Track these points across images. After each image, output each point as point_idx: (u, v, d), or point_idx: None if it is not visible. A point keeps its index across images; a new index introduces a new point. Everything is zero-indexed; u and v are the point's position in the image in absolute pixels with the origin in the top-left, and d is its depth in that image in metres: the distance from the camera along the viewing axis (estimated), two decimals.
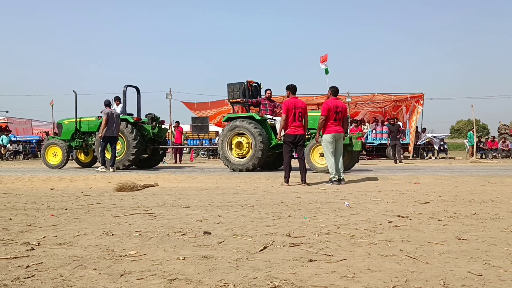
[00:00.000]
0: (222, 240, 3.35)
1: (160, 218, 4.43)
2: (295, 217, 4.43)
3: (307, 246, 3.14)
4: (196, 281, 2.34)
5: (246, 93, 11.18)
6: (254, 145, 10.41)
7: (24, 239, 3.42)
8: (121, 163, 11.49)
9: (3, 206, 5.42)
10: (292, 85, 8.21)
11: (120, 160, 11.51)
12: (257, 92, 11.79)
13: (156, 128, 12.35)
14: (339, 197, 6.02)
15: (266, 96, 11.23)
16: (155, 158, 13.10)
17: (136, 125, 11.87)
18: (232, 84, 11.32)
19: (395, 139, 16.07)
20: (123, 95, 12.16)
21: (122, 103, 12.27)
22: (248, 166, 10.50)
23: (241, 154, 10.69)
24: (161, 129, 12.63)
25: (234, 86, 11.25)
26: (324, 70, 19.34)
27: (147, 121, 12.46)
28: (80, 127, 12.30)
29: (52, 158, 12.41)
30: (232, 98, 11.34)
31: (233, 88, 11.27)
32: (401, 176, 9.11)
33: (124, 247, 3.15)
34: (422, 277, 2.40)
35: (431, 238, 3.38)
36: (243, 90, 11.12)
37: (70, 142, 12.34)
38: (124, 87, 12.14)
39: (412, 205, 5.27)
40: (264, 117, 10.79)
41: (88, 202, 5.72)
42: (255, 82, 11.73)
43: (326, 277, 2.40)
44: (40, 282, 2.33)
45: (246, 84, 11.23)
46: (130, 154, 11.51)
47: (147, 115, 12.61)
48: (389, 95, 21.18)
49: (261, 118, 10.70)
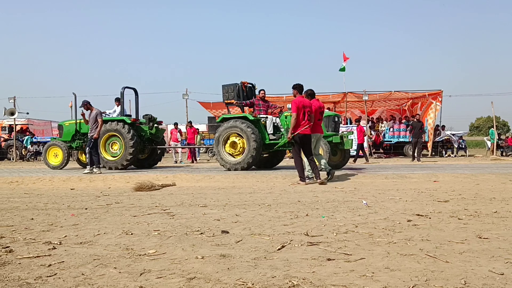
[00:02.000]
0: (240, 239, 3.36)
1: (178, 217, 4.47)
2: (312, 216, 4.41)
3: (325, 245, 3.13)
4: (214, 280, 2.35)
5: (241, 93, 11.40)
6: (247, 144, 10.62)
7: (46, 238, 3.49)
8: (119, 163, 11.70)
9: (25, 206, 5.53)
10: (299, 84, 8.25)
11: (118, 160, 11.73)
12: (252, 93, 11.98)
13: (153, 128, 12.59)
14: (357, 196, 5.98)
15: (260, 96, 11.46)
16: (154, 158, 13.36)
17: (134, 125, 12.05)
18: (227, 85, 11.59)
19: (418, 136, 15.87)
20: (121, 97, 12.34)
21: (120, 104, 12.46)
22: (242, 165, 10.70)
23: (236, 153, 10.93)
24: (158, 130, 12.90)
25: (228, 87, 11.53)
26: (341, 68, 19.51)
27: (144, 122, 12.66)
28: (80, 128, 12.54)
29: (53, 159, 12.74)
30: (226, 99, 11.61)
31: (227, 89, 11.53)
32: (420, 174, 9.00)
33: (143, 246, 3.19)
34: (443, 276, 2.37)
35: (451, 237, 3.34)
36: (237, 91, 11.35)
37: (70, 143, 12.64)
38: (122, 88, 12.33)
39: (432, 203, 5.21)
40: (257, 117, 10.99)
41: (107, 202, 5.79)
42: (250, 83, 11.95)
43: (345, 276, 2.39)
44: (62, 281, 2.38)
45: (240, 85, 11.45)
46: (128, 154, 11.74)
47: (145, 116, 12.88)
48: (407, 92, 20.96)
49: (255, 118, 10.91)
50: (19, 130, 23.73)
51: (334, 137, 10.33)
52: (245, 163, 10.65)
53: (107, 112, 12.94)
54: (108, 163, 11.81)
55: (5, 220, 4.43)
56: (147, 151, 12.88)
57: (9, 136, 23.70)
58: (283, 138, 10.68)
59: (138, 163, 12.88)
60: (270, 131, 10.89)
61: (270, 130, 10.89)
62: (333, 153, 10.43)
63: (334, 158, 10.73)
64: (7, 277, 2.45)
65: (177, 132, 19.85)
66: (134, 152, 11.79)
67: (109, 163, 11.83)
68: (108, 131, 11.81)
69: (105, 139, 11.89)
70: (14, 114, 20.32)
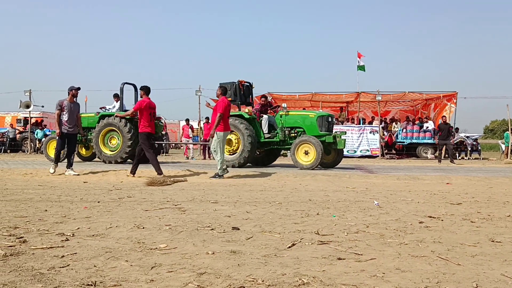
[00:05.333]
0: (250, 236, 3.37)
1: (189, 212, 4.49)
2: (323, 215, 4.41)
3: (335, 244, 3.13)
4: (225, 276, 2.36)
5: (237, 92, 11.48)
6: (242, 142, 10.77)
7: (59, 230, 3.53)
8: (118, 156, 11.83)
9: (39, 197, 5.61)
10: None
11: (117, 154, 11.85)
12: (249, 92, 12.08)
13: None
14: (368, 196, 5.95)
15: (262, 103, 11.82)
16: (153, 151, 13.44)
17: (132, 121, 12.13)
18: (224, 84, 11.62)
19: (445, 139, 15.71)
20: (120, 92, 12.43)
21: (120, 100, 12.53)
22: (238, 162, 10.82)
23: (232, 150, 11.06)
24: (157, 125, 12.96)
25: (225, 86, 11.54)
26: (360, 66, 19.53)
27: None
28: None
29: (52, 152, 12.84)
30: None
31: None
32: (432, 176, 8.92)
33: (154, 240, 3.22)
34: (454, 278, 2.35)
35: (463, 240, 3.31)
36: (234, 90, 11.44)
37: None
38: (122, 84, 12.39)
39: (444, 206, 5.16)
40: (253, 115, 11.12)
41: (120, 196, 5.85)
42: (247, 82, 12.04)
43: (355, 276, 2.39)
44: (74, 272, 2.41)
45: (237, 84, 11.53)
46: (126, 147, 11.86)
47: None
48: (421, 93, 20.75)
49: (250, 117, 11.04)
50: (34, 123, 24.02)
51: (327, 137, 10.45)
52: (240, 160, 10.80)
53: (106, 108, 13.05)
54: (106, 157, 11.95)
55: (20, 211, 4.50)
56: None
57: (24, 129, 24.00)
58: (278, 136, 10.91)
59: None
60: (265, 129, 11.07)
61: (265, 129, 11.07)
62: (326, 152, 10.50)
63: (327, 157, 10.84)
64: (20, 266, 2.49)
65: (188, 129, 19.92)
66: (132, 146, 11.93)
67: (107, 157, 11.96)
68: (106, 126, 11.95)
69: (103, 133, 12.03)
70: (30, 107, 20.57)
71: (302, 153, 10.40)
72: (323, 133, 10.53)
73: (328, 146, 10.54)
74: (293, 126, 10.90)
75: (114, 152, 11.94)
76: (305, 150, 10.34)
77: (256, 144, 10.91)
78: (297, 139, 10.50)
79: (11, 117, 27.56)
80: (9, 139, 23.11)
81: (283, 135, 10.84)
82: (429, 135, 18.92)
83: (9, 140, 23.10)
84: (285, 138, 10.87)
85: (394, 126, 21.06)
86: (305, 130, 10.70)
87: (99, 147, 11.96)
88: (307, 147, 10.30)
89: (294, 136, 10.84)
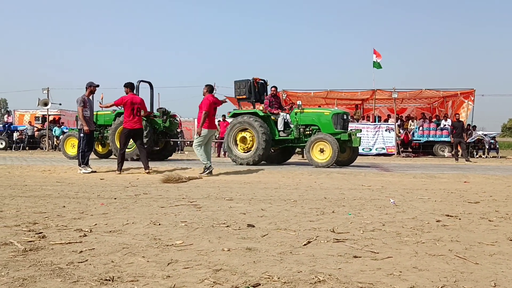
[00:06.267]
0: (265, 233, 3.37)
1: (204, 209, 4.51)
2: (339, 213, 4.39)
3: (351, 242, 3.11)
4: (240, 272, 2.37)
5: (252, 90, 11.48)
6: (257, 140, 10.74)
7: (77, 226, 3.59)
8: (134, 154, 11.96)
9: (57, 194, 5.70)
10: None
11: (133, 151, 11.99)
12: (264, 89, 12.03)
13: (167, 121, 12.78)
14: (384, 195, 5.91)
15: (271, 94, 11.57)
16: (168, 149, 13.56)
17: (148, 118, 12.24)
18: (239, 81, 11.73)
19: (459, 137, 15.52)
20: (136, 90, 12.53)
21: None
22: (252, 160, 10.81)
23: (246, 148, 11.06)
24: (172, 123, 13.09)
25: (240, 83, 11.67)
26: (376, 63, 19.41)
27: (158, 115, 12.84)
28: (97, 120, 12.75)
29: (70, 149, 13.11)
30: (238, 95, 11.77)
31: (239, 85, 11.68)
32: (450, 174, 8.81)
33: (170, 236, 3.24)
34: (472, 277, 2.32)
35: (481, 239, 3.26)
36: (248, 87, 11.46)
37: None
38: (138, 82, 12.49)
39: (462, 204, 5.10)
40: (267, 113, 11.08)
41: (136, 193, 5.90)
42: (262, 79, 12.01)
43: (372, 274, 2.37)
44: (93, 267, 2.44)
45: (252, 81, 11.52)
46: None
47: (159, 109, 13.11)
48: (438, 91, 20.51)
49: (265, 114, 11.01)
50: (52, 121, 24.38)
51: (342, 135, 10.37)
52: (254, 158, 10.79)
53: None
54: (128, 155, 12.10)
55: (39, 207, 4.57)
56: (160, 143, 13.14)
57: (42, 126, 24.38)
58: (293, 134, 10.85)
59: (152, 155, 13.13)
60: (280, 127, 11.01)
61: (281, 127, 11.01)
62: (341, 150, 10.42)
63: (342, 155, 10.75)
64: (40, 261, 2.53)
65: None
66: (148, 143, 12.04)
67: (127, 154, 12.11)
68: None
69: (120, 131, 12.16)
70: (48, 104, 20.86)
71: (317, 151, 10.35)
72: (338, 131, 10.47)
73: (343, 144, 10.48)
74: (308, 124, 10.85)
75: (130, 150, 12.06)
76: (320, 148, 10.29)
77: (271, 142, 10.89)
78: (312, 137, 10.46)
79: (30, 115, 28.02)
80: (28, 136, 23.53)
81: (298, 132, 10.81)
82: (446, 133, 18.69)
83: (28, 137, 23.51)
84: (299, 136, 10.84)
85: (410, 124, 20.85)
86: (320, 127, 10.65)
87: (116, 144, 12.09)
88: (322, 145, 10.25)
89: (309, 134, 10.80)
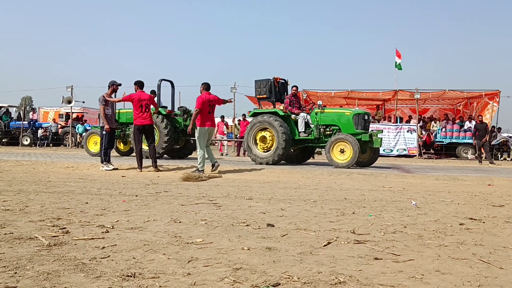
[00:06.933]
0: (285, 233, 3.37)
1: (224, 208, 4.53)
2: (359, 214, 4.35)
3: (372, 244, 3.08)
4: (260, 272, 2.37)
5: (273, 89, 11.43)
6: (276, 140, 10.69)
7: (99, 222, 3.64)
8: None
9: (80, 190, 5.80)
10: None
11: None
12: (284, 89, 11.96)
13: (187, 120, 12.83)
14: (406, 196, 5.83)
15: (292, 93, 11.48)
16: (188, 148, 13.63)
17: (169, 117, 12.32)
18: (259, 80, 11.68)
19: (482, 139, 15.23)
20: (158, 89, 12.63)
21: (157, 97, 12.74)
22: (272, 159, 10.77)
23: (266, 148, 11.03)
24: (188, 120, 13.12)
25: (261, 83, 11.62)
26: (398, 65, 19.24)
27: (179, 114, 12.90)
28: (119, 118, 12.89)
29: (93, 146, 13.33)
30: (258, 94, 11.72)
31: (260, 85, 11.63)
32: (473, 177, 8.64)
33: (191, 234, 3.26)
34: (497, 282, 2.27)
35: (506, 243, 3.19)
36: (269, 87, 11.41)
37: None
38: (159, 81, 12.59)
39: (486, 207, 5.00)
40: (287, 113, 11.03)
41: (157, 190, 5.96)
42: (282, 79, 11.94)
43: (393, 276, 2.35)
44: (115, 263, 2.48)
45: (272, 81, 11.47)
46: (163, 142, 12.08)
47: (179, 108, 13.18)
48: (462, 92, 20.13)
49: (285, 114, 10.95)
50: (75, 118, 24.84)
51: (363, 135, 10.26)
52: (274, 157, 10.76)
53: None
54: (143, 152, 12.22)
55: (62, 203, 4.66)
56: (181, 142, 13.21)
57: (66, 123, 24.87)
58: (313, 134, 10.78)
59: (173, 153, 13.23)
60: (301, 128, 10.93)
61: (302, 127, 10.93)
62: (362, 151, 10.32)
63: (363, 156, 10.63)
64: (64, 256, 2.58)
65: (223, 125, 20.11)
66: (169, 141, 12.14)
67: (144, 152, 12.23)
68: None
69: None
70: (71, 102, 21.27)
71: (338, 151, 10.27)
72: (359, 131, 10.37)
73: (363, 144, 10.39)
74: (329, 124, 10.78)
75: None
76: (340, 148, 10.22)
77: (291, 142, 10.85)
78: (333, 137, 10.38)
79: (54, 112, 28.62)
80: (52, 133, 24.05)
81: (318, 132, 10.75)
82: (469, 135, 18.33)
83: (52, 134, 24.03)
84: (320, 136, 10.78)
85: (433, 125, 20.52)
86: (340, 128, 10.57)
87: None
88: (343, 145, 10.17)
89: (329, 134, 10.73)
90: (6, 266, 2.36)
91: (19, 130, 23.50)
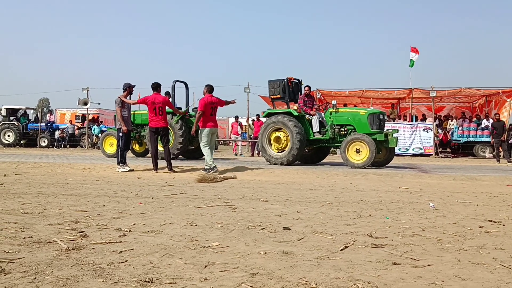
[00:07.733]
0: (302, 237, 3.35)
1: (240, 210, 4.53)
2: (376, 216, 4.31)
3: (390, 248, 3.04)
4: (277, 277, 2.36)
5: (286, 89, 11.40)
6: (291, 140, 10.66)
7: (116, 225, 3.67)
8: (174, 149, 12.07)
9: (97, 192, 5.85)
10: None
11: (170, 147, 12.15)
12: (298, 89, 11.90)
13: None
14: (423, 198, 5.76)
15: (305, 93, 11.42)
16: None
17: (183, 118, 12.35)
18: (273, 81, 11.65)
19: (500, 137, 14.98)
20: (172, 90, 12.68)
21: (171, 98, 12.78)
22: (286, 159, 10.74)
23: (280, 148, 11.01)
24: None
25: (274, 83, 11.59)
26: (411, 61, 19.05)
27: (193, 115, 12.92)
28: (134, 119, 12.97)
29: (109, 148, 13.48)
30: (272, 95, 11.70)
31: (273, 85, 11.61)
32: (491, 177, 8.50)
33: (207, 238, 3.27)
34: None
35: None
36: (283, 87, 11.38)
37: None
38: (173, 82, 12.63)
39: (505, 209, 4.91)
40: (302, 113, 10.98)
41: (172, 192, 5.99)
42: (296, 79, 11.89)
43: (412, 282, 2.31)
44: (132, 268, 2.49)
45: (286, 81, 11.43)
46: (178, 143, 12.18)
47: (194, 109, 13.15)
48: (478, 89, 19.82)
49: (299, 114, 10.91)
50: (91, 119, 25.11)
51: (378, 135, 10.17)
52: (288, 158, 10.73)
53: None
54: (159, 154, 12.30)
55: (80, 205, 4.71)
56: (195, 143, 13.25)
57: (82, 125, 25.16)
58: (328, 134, 10.72)
59: (187, 154, 13.29)
60: (316, 128, 10.88)
61: (316, 127, 10.87)
62: (377, 150, 10.21)
63: (378, 156, 10.52)
64: (82, 261, 2.60)
65: (237, 125, 20.13)
66: (183, 142, 12.19)
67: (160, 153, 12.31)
68: None
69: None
70: (87, 104, 21.52)
71: (353, 151, 10.20)
72: (374, 131, 10.28)
73: (379, 144, 10.29)
74: (343, 124, 10.71)
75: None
76: (356, 148, 10.15)
77: (305, 142, 10.82)
78: (348, 137, 10.30)
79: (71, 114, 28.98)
80: (69, 135, 24.37)
81: (333, 132, 10.69)
82: (487, 133, 18.03)
83: (69, 135, 24.35)
84: (334, 136, 10.71)
85: (449, 124, 20.24)
86: (355, 127, 10.49)
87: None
88: (358, 145, 10.09)
89: (344, 134, 10.66)
90: (26, 271, 2.39)
91: (36, 131, 23.86)
